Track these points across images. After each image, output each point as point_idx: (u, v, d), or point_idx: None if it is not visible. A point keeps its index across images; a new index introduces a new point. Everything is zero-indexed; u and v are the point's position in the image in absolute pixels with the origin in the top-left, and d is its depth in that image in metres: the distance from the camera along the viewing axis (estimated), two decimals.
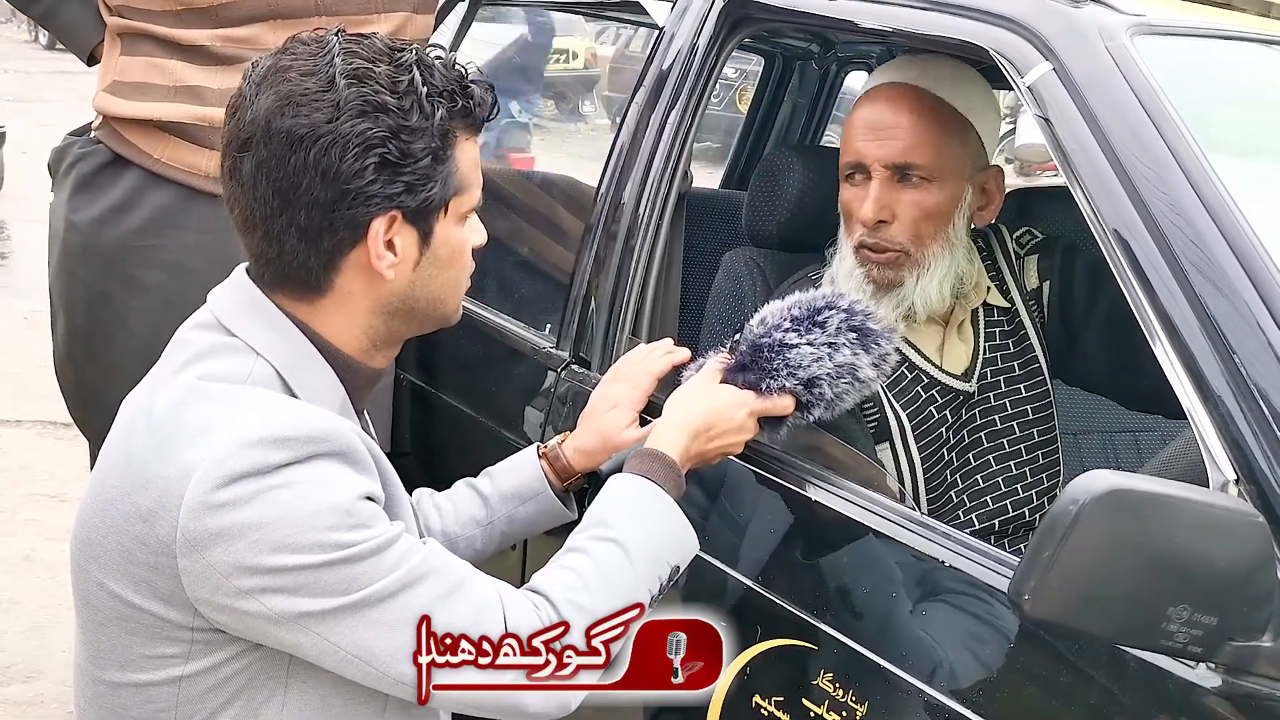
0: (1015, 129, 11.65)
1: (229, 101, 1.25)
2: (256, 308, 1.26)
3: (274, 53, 1.24)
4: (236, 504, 1.13)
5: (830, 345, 1.49)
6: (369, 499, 1.19)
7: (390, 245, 1.24)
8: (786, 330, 1.50)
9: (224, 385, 1.20)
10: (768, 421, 1.51)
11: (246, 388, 1.21)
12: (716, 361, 1.53)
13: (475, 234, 1.34)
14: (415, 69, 1.22)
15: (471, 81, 1.27)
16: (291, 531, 1.13)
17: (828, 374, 1.48)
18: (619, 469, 1.41)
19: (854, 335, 1.50)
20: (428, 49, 1.28)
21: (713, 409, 1.47)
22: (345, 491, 1.16)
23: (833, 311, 1.51)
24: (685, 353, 1.68)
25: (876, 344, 1.52)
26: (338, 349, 1.28)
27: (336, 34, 1.24)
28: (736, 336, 1.53)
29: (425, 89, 1.22)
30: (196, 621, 1.19)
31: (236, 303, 1.27)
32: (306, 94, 1.19)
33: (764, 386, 1.48)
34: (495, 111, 1.30)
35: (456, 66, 1.27)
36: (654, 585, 1.32)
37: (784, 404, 1.49)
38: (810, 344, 1.48)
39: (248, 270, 1.30)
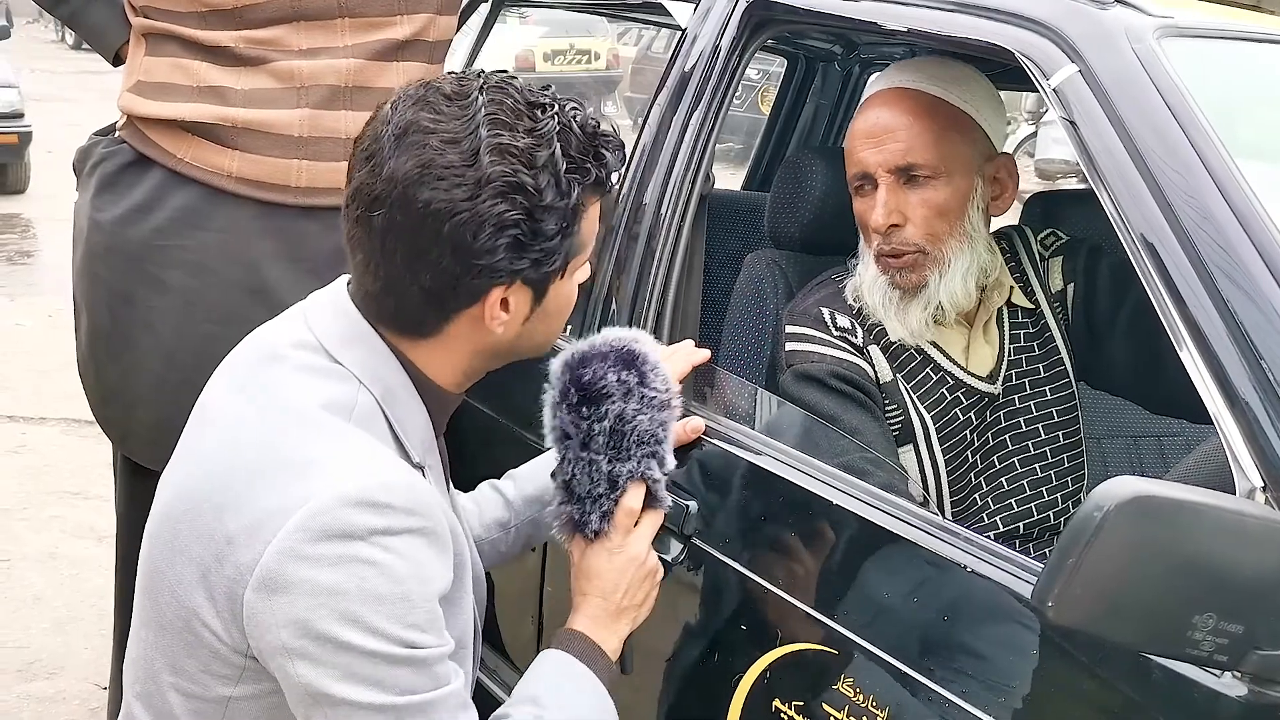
0: (1036, 135, 11.61)
1: (359, 141, 1.23)
2: (361, 337, 1.26)
3: (413, 98, 1.20)
4: (322, 562, 1.13)
5: (583, 445, 1.38)
6: (438, 594, 1.19)
7: (504, 304, 1.25)
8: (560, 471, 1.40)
9: (336, 421, 1.20)
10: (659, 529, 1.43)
11: (355, 430, 1.21)
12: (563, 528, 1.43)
13: (582, 273, 1.33)
14: (555, 141, 1.20)
15: (604, 145, 1.26)
16: (360, 608, 1.13)
17: (608, 458, 1.38)
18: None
19: (568, 410, 1.39)
20: (567, 104, 1.25)
21: (613, 587, 1.38)
22: (419, 585, 1.17)
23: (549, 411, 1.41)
24: (706, 353, 1.67)
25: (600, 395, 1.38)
26: (431, 380, 1.29)
27: (481, 89, 1.21)
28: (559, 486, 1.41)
29: (564, 164, 1.20)
30: (251, 649, 1.19)
31: (341, 332, 1.26)
32: (450, 167, 1.16)
33: (589, 529, 1.39)
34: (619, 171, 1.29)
35: (589, 122, 1.25)
36: None
37: (646, 522, 1.41)
38: (567, 460, 1.38)
39: (350, 292, 1.29)
